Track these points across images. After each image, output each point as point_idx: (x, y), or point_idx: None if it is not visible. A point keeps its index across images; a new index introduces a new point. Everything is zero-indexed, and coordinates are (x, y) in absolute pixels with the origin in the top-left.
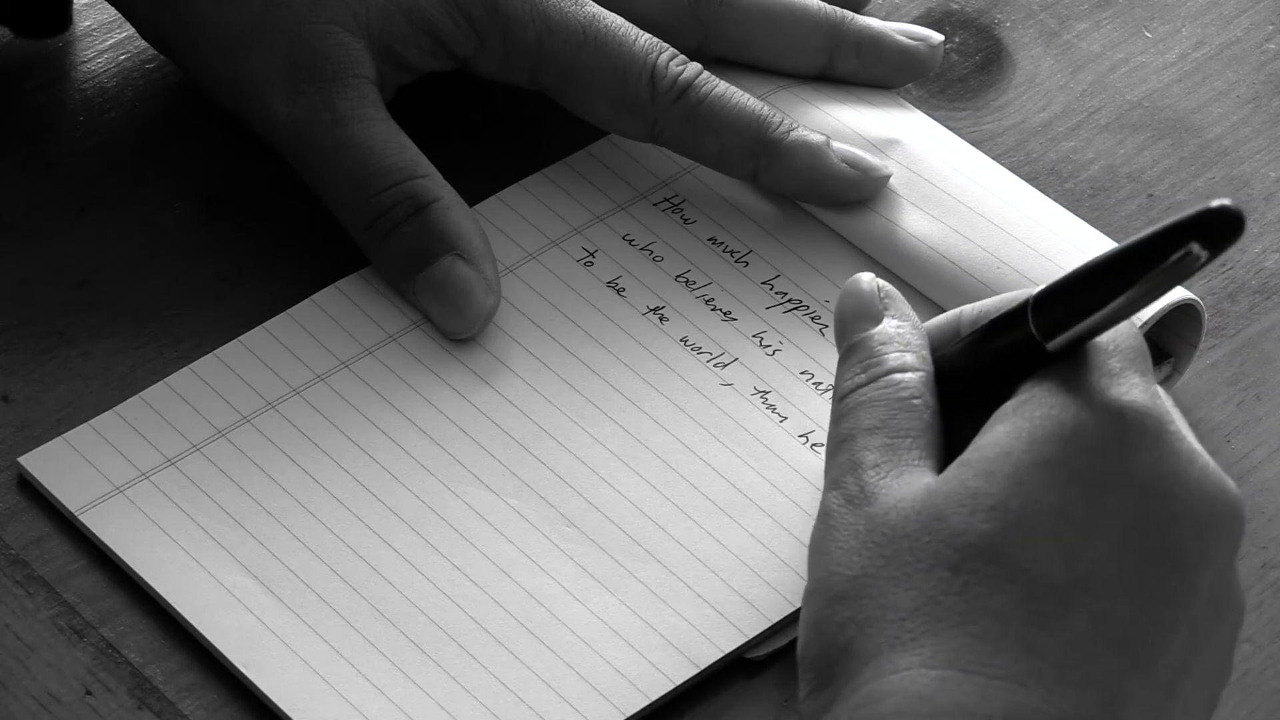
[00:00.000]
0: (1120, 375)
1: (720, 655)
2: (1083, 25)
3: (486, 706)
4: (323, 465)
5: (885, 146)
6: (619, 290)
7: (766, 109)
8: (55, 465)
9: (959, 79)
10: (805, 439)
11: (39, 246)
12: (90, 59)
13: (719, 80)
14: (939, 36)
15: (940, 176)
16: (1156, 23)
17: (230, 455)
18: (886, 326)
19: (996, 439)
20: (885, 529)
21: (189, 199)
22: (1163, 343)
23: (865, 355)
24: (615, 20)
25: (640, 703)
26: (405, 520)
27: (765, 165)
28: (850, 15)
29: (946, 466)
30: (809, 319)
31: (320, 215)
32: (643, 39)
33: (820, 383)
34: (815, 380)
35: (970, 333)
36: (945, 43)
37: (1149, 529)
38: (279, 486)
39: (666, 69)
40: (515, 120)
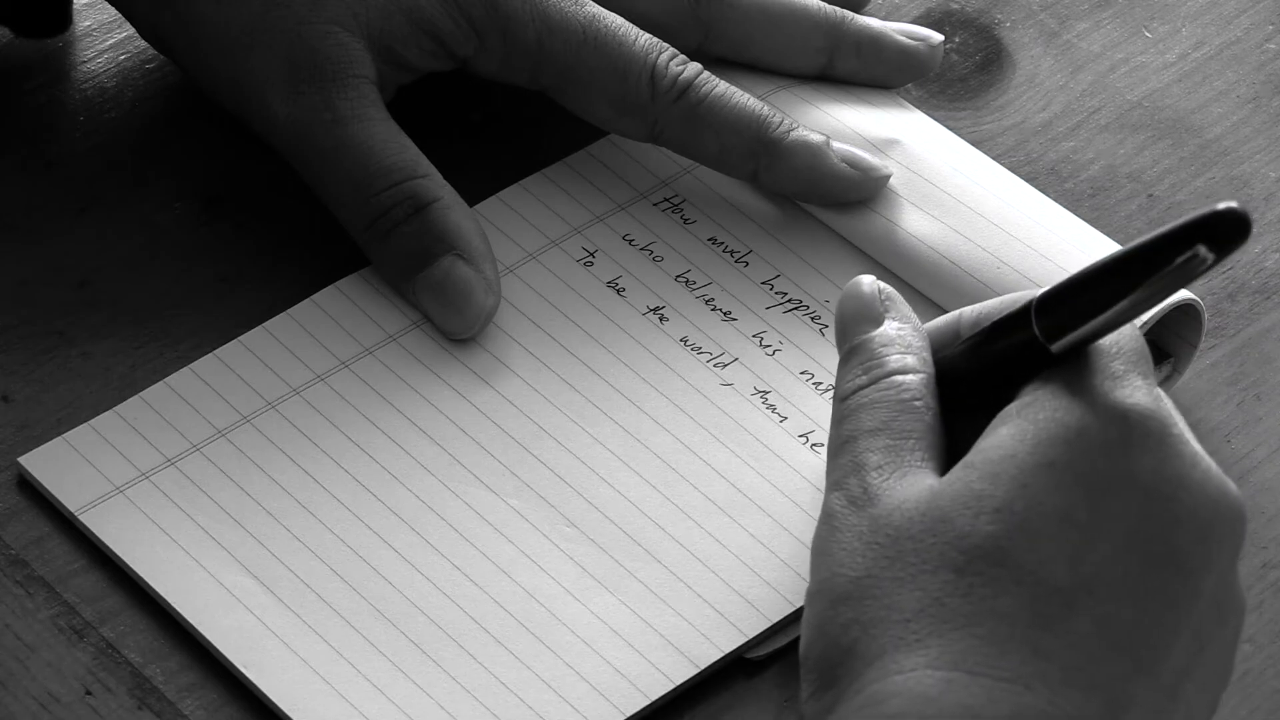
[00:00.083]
0: (1123, 378)
1: (720, 655)
2: (1083, 25)
3: (486, 706)
4: (323, 465)
5: (885, 146)
6: (619, 290)
7: (766, 109)
8: (55, 465)
9: (959, 79)
10: (805, 439)
11: (39, 246)
12: (90, 59)
13: (719, 80)
14: (939, 36)
15: (940, 176)
16: (1156, 23)
17: (230, 455)
18: (888, 328)
19: (1000, 441)
20: (889, 530)
21: (189, 199)
22: (1163, 343)
23: (866, 357)
24: (615, 20)
25: (640, 703)
26: (405, 520)
27: (765, 165)
28: (850, 15)
29: (948, 468)
30: (809, 319)
31: (320, 215)
32: (643, 39)
33: (820, 383)
34: (815, 380)
35: (972, 334)
36: (945, 43)
37: (1152, 532)
38: (279, 486)
39: (666, 69)
40: (515, 120)
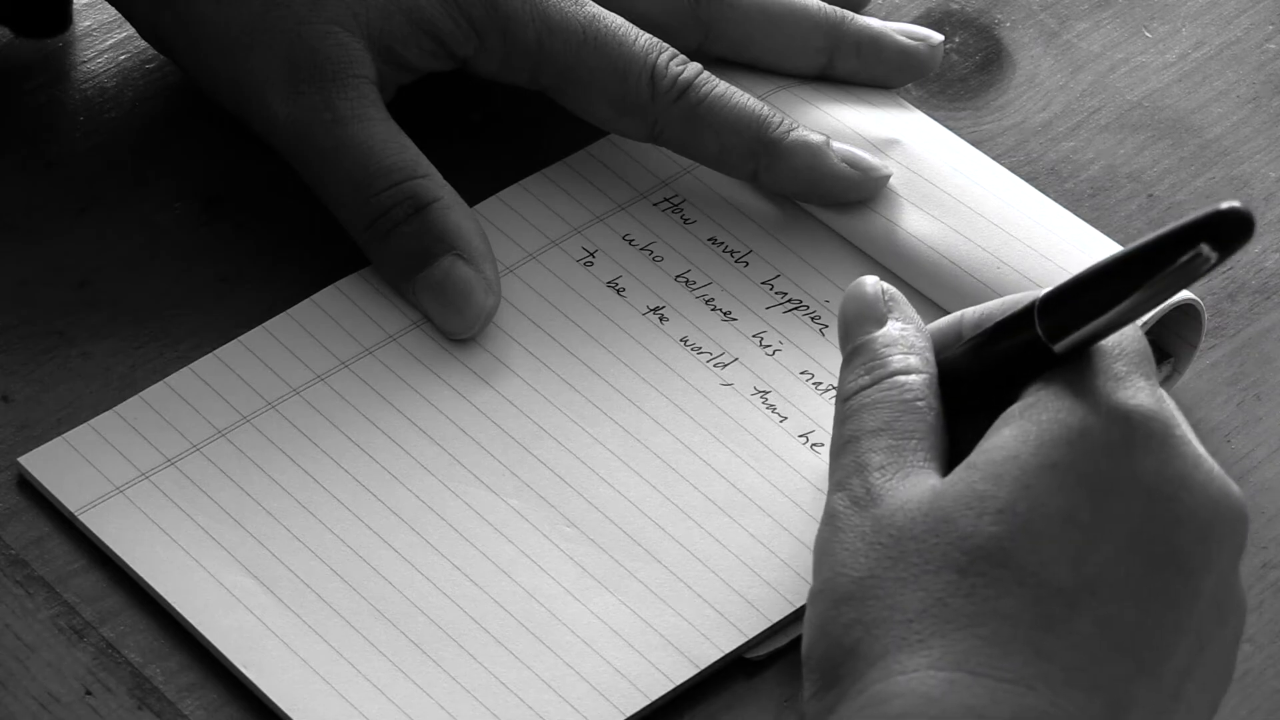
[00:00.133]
0: (1126, 379)
1: (720, 655)
2: (1083, 25)
3: (486, 706)
4: (323, 465)
5: (885, 146)
6: (619, 290)
7: (766, 109)
8: (55, 465)
9: (959, 79)
10: (805, 439)
11: (39, 246)
12: (90, 59)
13: (719, 80)
14: (939, 36)
15: (940, 176)
16: (1156, 23)
17: (230, 455)
18: (890, 329)
19: (1003, 442)
20: (892, 530)
21: (189, 199)
22: (1163, 343)
23: (869, 358)
24: (615, 20)
25: (640, 703)
26: (405, 520)
27: (765, 165)
28: (850, 15)
29: (950, 468)
30: (809, 319)
31: (320, 215)
32: (643, 39)
33: (820, 383)
34: (815, 380)
35: (974, 335)
36: (945, 43)
37: (1155, 533)
38: (279, 486)
39: (666, 69)
40: (515, 120)
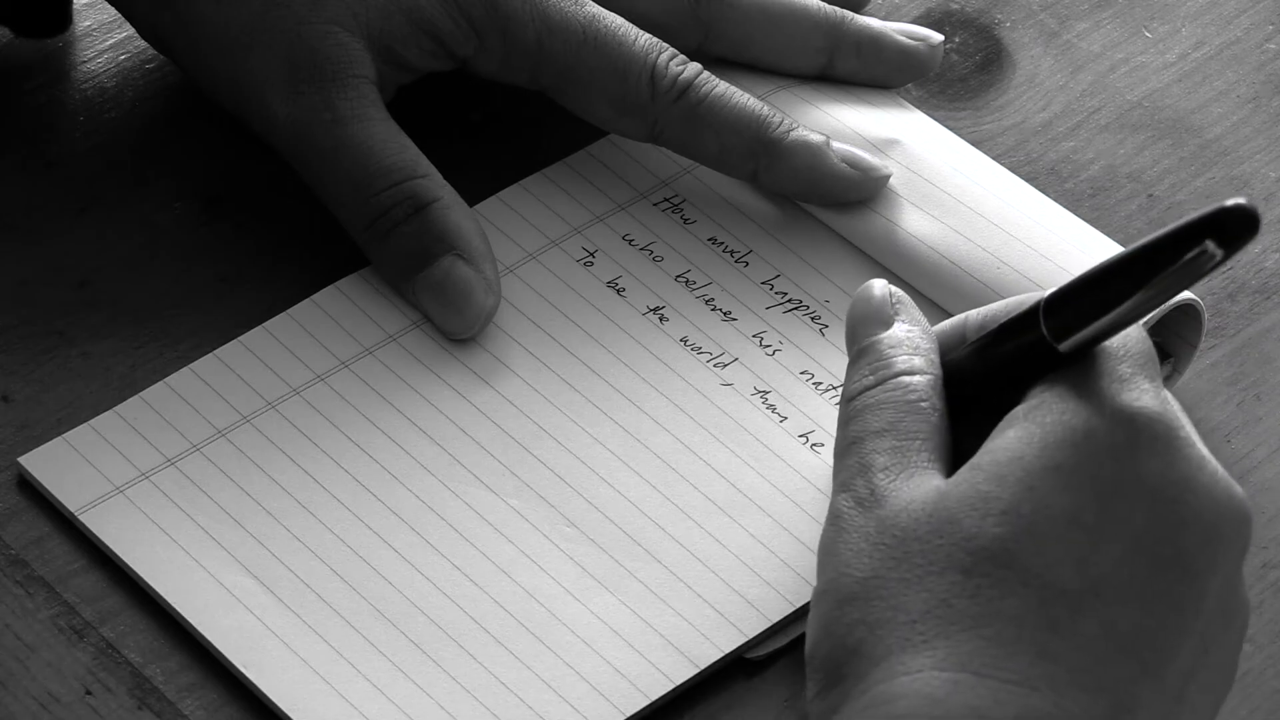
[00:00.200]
0: (1130, 381)
1: (720, 655)
2: (1083, 25)
3: (486, 706)
4: (323, 465)
5: (885, 146)
6: (619, 290)
7: (766, 109)
8: (55, 465)
9: (959, 79)
10: (805, 439)
11: (39, 246)
12: (90, 59)
13: (719, 80)
14: (939, 36)
15: (940, 176)
16: (1156, 23)
17: (230, 455)
18: (896, 331)
19: (1007, 444)
20: (896, 531)
21: (189, 199)
22: (1163, 343)
23: (874, 359)
24: (615, 20)
25: (640, 703)
26: (405, 520)
27: (765, 165)
28: (850, 15)
29: (955, 470)
30: (809, 319)
31: (320, 215)
32: (643, 39)
33: (820, 383)
34: (815, 380)
35: (979, 337)
36: (945, 43)
37: (1159, 535)
38: (279, 486)
39: (666, 69)
40: (515, 120)
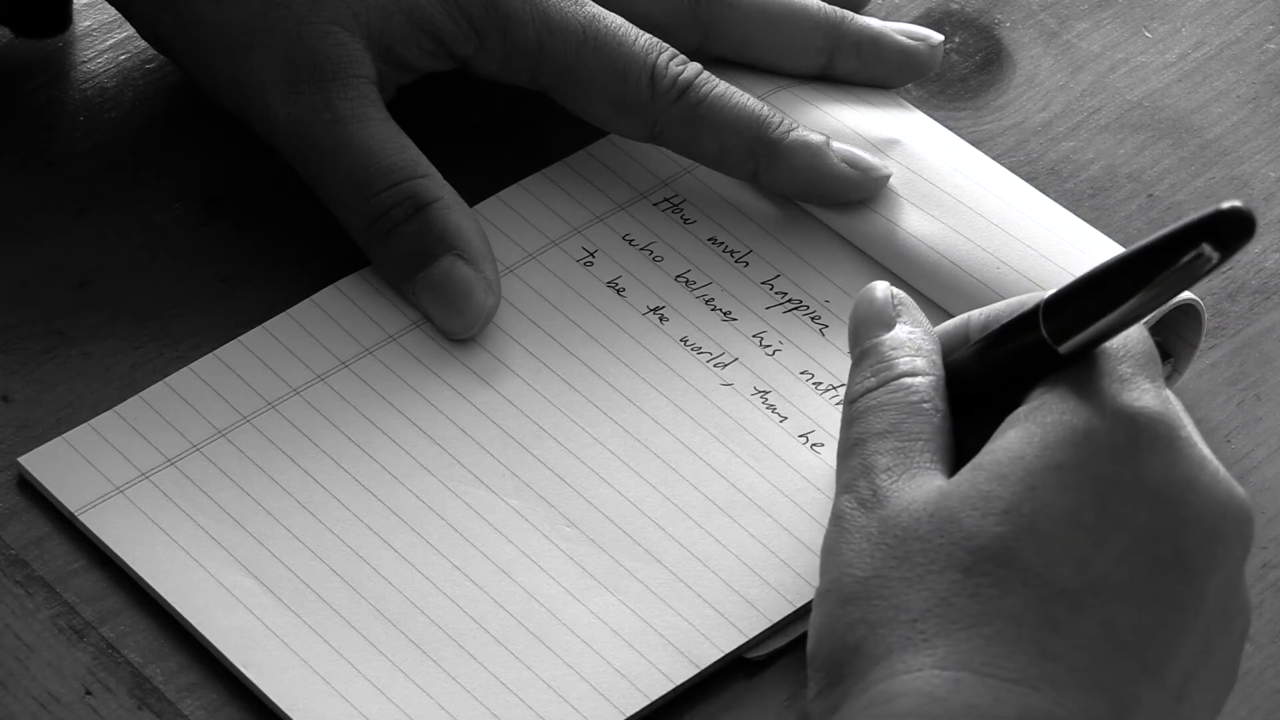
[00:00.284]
0: (1131, 380)
1: (720, 655)
2: (1083, 25)
3: (486, 706)
4: (323, 465)
5: (885, 146)
6: (619, 290)
7: (766, 109)
8: (55, 465)
9: (959, 79)
10: (805, 439)
11: (39, 246)
12: (90, 59)
13: (719, 80)
14: (939, 36)
15: (940, 176)
16: (1156, 23)
17: (230, 455)
18: (898, 332)
19: (1008, 444)
20: (897, 530)
21: (189, 199)
22: (1163, 343)
23: (876, 360)
24: (615, 20)
25: (640, 703)
26: (405, 520)
27: (765, 165)
28: (850, 15)
29: (957, 470)
30: (809, 319)
31: (320, 215)
32: (643, 39)
33: (820, 383)
34: (815, 380)
35: (980, 338)
36: (945, 43)
37: (1160, 534)
38: (279, 486)
39: (666, 69)
40: (515, 120)
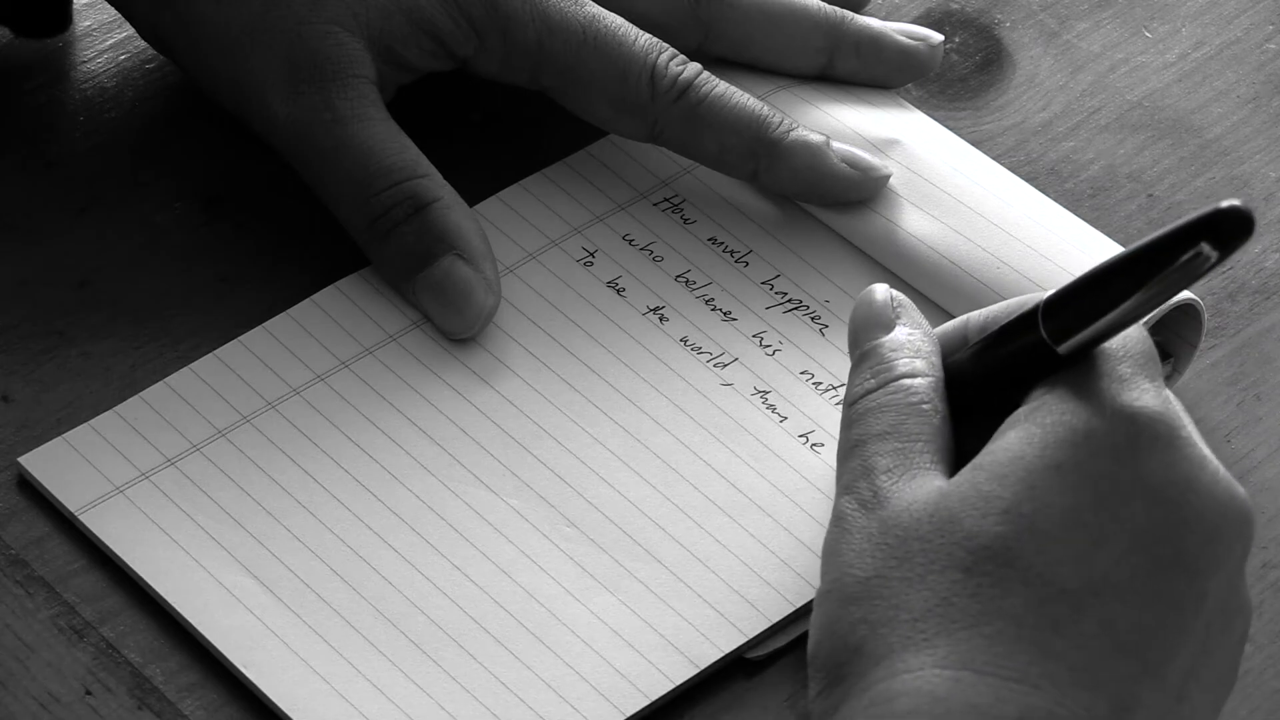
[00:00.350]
0: (1131, 381)
1: (720, 655)
2: (1083, 25)
3: (486, 706)
4: (323, 465)
5: (885, 146)
6: (619, 290)
7: (766, 109)
8: (55, 465)
9: (959, 79)
10: (805, 439)
11: (39, 246)
12: (90, 59)
13: (719, 80)
14: (939, 36)
15: (940, 176)
16: (1156, 23)
17: (230, 455)
18: (898, 334)
19: (1008, 444)
20: (898, 531)
21: (189, 199)
22: (1163, 343)
23: (876, 362)
24: (615, 20)
25: (640, 703)
26: (405, 520)
27: (765, 165)
28: (850, 15)
29: (957, 471)
30: (809, 319)
31: (320, 215)
32: (643, 39)
33: (820, 383)
34: (815, 380)
35: (980, 339)
36: (945, 43)
37: (1161, 534)
38: (279, 486)
39: (666, 69)
40: (515, 120)
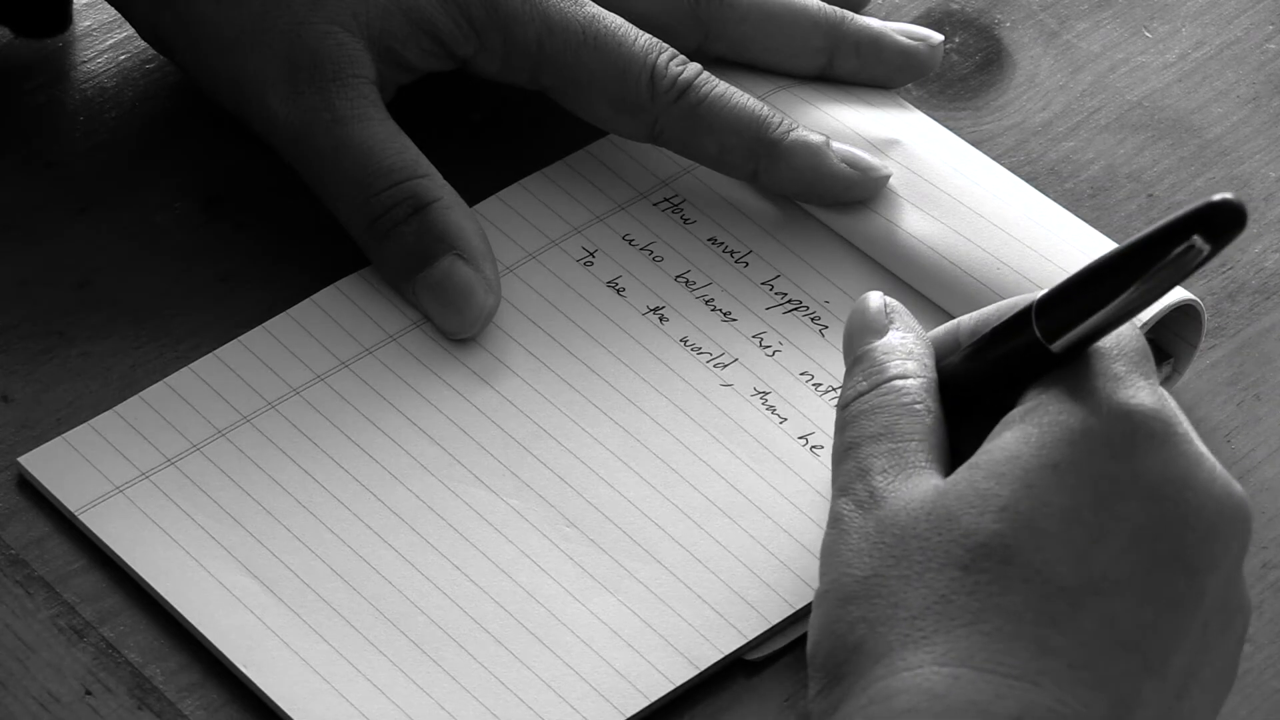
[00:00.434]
0: (1126, 379)
1: (720, 657)
2: (1083, 25)
3: (486, 706)
4: (323, 465)
5: (885, 146)
6: (619, 290)
7: (766, 109)
8: (55, 465)
9: (959, 79)
10: (805, 440)
11: (39, 246)
12: (90, 59)
13: (719, 80)
14: (939, 36)
15: (940, 177)
16: (1156, 23)
17: (230, 455)
18: (891, 338)
19: (1005, 444)
20: (895, 529)
21: (189, 199)
22: (1163, 343)
23: (868, 365)
24: (615, 20)
25: (640, 703)
26: (405, 520)
27: (765, 165)
28: (850, 15)
29: (953, 470)
30: (809, 319)
31: (320, 215)
32: (642, 39)
33: (820, 384)
34: (815, 381)
35: (973, 341)
36: (945, 43)
37: (1158, 531)
38: (279, 486)
39: (666, 69)
40: (515, 120)
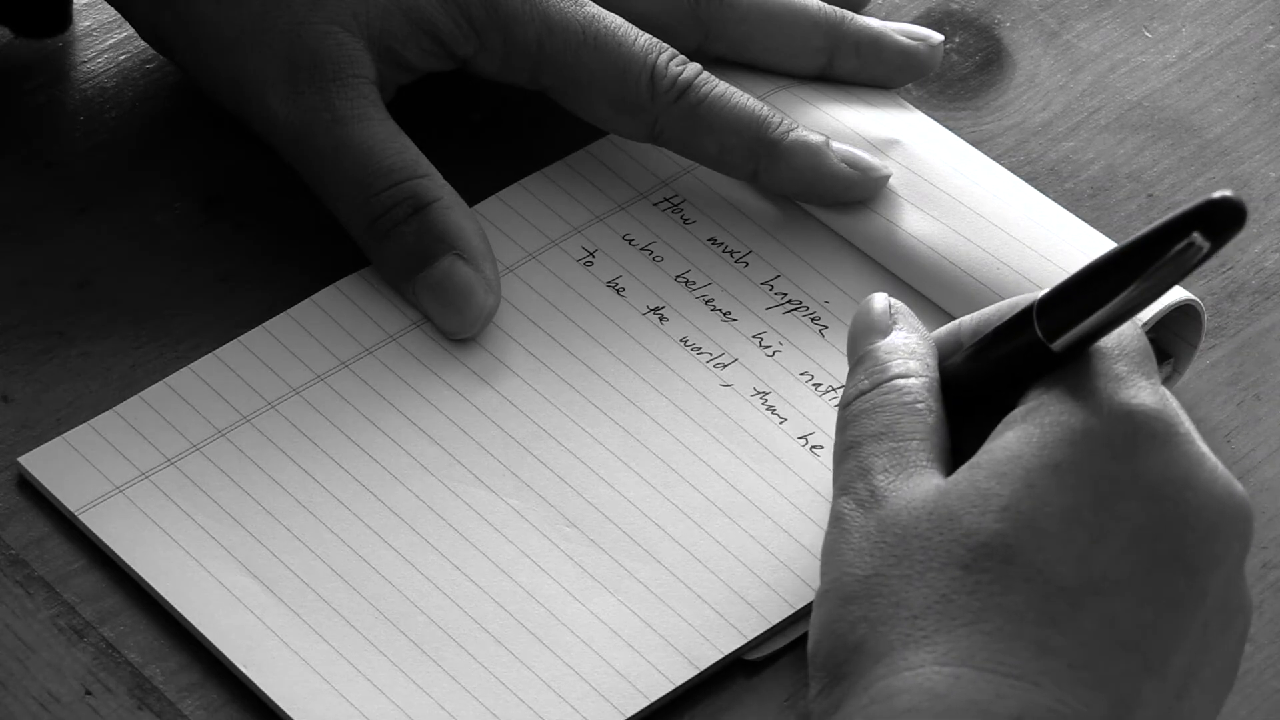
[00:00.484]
0: (1127, 379)
1: (720, 657)
2: (1083, 25)
3: (486, 706)
4: (323, 465)
5: (885, 146)
6: (619, 290)
7: (766, 109)
8: (55, 465)
9: (959, 79)
10: (805, 440)
11: (39, 246)
12: (90, 59)
13: (719, 80)
14: (939, 36)
15: (940, 177)
16: (1156, 23)
17: (230, 455)
18: (893, 338)
19: (1006, 444)
20: (896, 529)
21: (189, 199)
22: (1163, 343)
23: (870, 364)
24: (615, 20)
25: (640, 703)
26: (405, 520)
27: (765, 165)
28: (850, 15)
29: (954, 470)
30: (809, 319)
31: (320, 215)
32: (642, 39)
33: (820, 384)
34: (815, 381)
35: (975, 341)
36: (945, 43)
37: (1159, 531)
38: (279, 486)
39: (666, 69)
40: (515, 120)
